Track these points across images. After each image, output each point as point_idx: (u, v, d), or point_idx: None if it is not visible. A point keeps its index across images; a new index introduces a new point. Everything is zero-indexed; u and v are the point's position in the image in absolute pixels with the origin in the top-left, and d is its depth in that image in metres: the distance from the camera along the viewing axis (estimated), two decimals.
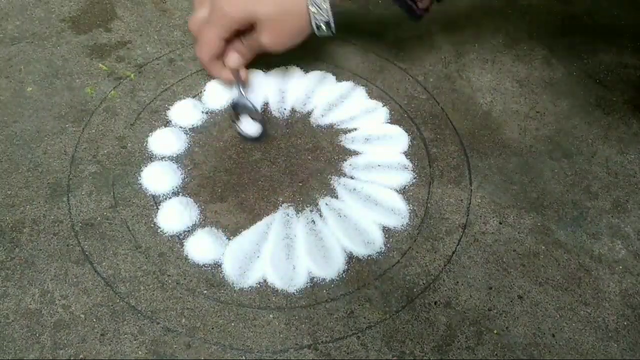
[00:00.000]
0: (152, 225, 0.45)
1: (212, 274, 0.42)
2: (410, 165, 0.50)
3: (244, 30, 0.49)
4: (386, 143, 0.52)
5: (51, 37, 0.61)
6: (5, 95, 0.54)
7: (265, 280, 0.42)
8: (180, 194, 0.47)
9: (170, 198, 0.46)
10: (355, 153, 0.51)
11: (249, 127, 0.51)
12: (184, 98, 0.55)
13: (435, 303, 0.41)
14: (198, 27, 0.50)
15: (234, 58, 0.50)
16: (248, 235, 0.44)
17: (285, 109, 0.54)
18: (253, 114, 0.52)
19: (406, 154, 0.51)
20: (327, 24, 0.49)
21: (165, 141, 0.50)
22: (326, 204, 0.47)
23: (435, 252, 0.44)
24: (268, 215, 0.46)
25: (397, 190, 0.48)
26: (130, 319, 0.40)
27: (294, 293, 0.41)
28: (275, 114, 0.54)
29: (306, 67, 0.58)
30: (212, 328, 0.39)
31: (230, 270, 0.42)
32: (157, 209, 0.46)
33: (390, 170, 0.49)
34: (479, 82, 0.57)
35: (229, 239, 0.44)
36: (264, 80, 0.57)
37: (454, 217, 0.46)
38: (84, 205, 0.46)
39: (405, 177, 0.49)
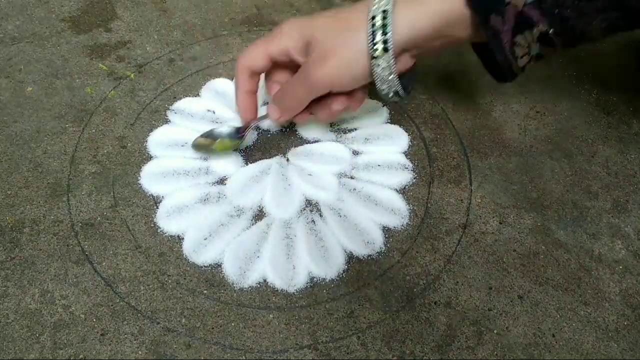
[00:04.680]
0: (152, 225, 0.45)
1: (212, 274, 0.42)
2: (410, 165, 0.50)
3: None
4: (386, 143, 0.52)
5: (51, 37, 0.61)
6: (5, 95, 0.54)
7: (265, 280, 0.42)
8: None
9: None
10: (355, 153, 0.51)
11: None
12: (184, 97, 0.55)
13: (435, 303, 0.41)
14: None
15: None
16: (248, 235, 0.44)
17: None
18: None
19: (406, 154, 0.51)
20: (396, 93, 0.43)
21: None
22: (326, 204, 0.47)
23: (435, 252, 0.44)
24: (268, 215, 0.46)
25: (397, 190, 0.48)
26: (130, 319, 0.40)
27: (294, 293, 0.41)
28: None
29: None
30: (212, 328, 0.39)
31: (230, 270, 0.42)
32: (157, 208, 0.46)
33: (390, 170, 0.49)
34: (479, 82, 0.57)
35: None
36: (264, 80, 0.57)
37: (454, 217, 0.46)
38: (84, 205, 0.46)
39: (405, 177, 0.49)
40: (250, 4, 0.66)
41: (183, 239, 0.44)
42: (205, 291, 0.41)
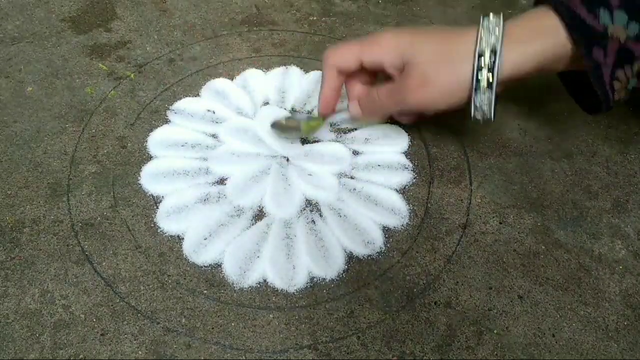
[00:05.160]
0: (152, 225, 0.45)
1: (212, 274, 0.42)
2: (410, 165, 0.50)
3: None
4: (386, 143, 0.52)
5: (51, 37, 0.61)
6: (5, 95, 0.54)
7: (265, 280, 0.42)
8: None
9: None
10: (355, 153, 0.51)
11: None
12: (184, 97, 0.55)
13: (435, 303, 0.41)
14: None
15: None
16: (248, 235, 0.44)
17: (285, 109, 0.54)
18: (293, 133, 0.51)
19: (406, 154, 0.51)
20: (486, 120, 0.44)
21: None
22: (326, 204, 0.47)
23: (435, 252, 0.44)
24: (268, 215, 0.46)
25: (397, 190, 0.48)
26: (130, 319, 0.40)
27: (294, 293, 0.41)
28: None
29: (306, 67, 0.58)
30: (212, 328, 0.39)
31: (230, 270, 0.42)
32: (157, 208, 0.46)
33: (390, 170, 0.49)
34: None
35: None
36: (264, 80, 0.57)
37: (454, 217, 0.46)
38: (84, 205, 0.46)
39: (405, 177, 0.49)
40: (250, 4, 0.66)
41: (183, 239, 0.44)
42: (205, 291, 0.41)
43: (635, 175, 0.50)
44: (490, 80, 0.40)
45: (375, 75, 0.48)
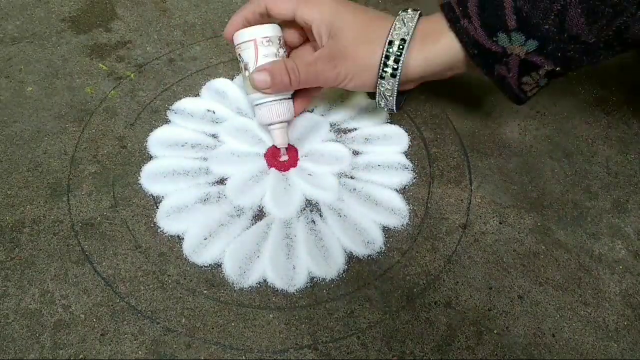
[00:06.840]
0: (152, 225, 0.45)
1: (212, 274, 0.42)
2: (410, 165, 0.50)
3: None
4: (386, 143, 0.52)
5: (51, 37, 0.61)
6: (5, 95, 0.54)
7: (265, 280, 0.42)
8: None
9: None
10: (355, 153, 0.51)
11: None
12: (184, 97, 0.55)
13: (435, 303, 0.41)
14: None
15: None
16: (248, 235, 0.44)
17: None
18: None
19: (406, 154, 0.51)
20: (390, 109, 0.45)
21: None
22: (326, 204, 0.47)
23: (435, 252, 0.44)
24: (268, 215, 0.46)
25: (397, 190, 0.48)
26: (130, 319, 0.40)
27: (294, 293, 0.41)
28: None
29: None
30: (212, 328, 0.39)
31: (230, 270, 0.42)
32: (157, 208, 0.46)
33: (390, 170, 0.49)
34: (479, 82, 0.57)
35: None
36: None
37: (454, 217, 0.46)
38: (84, 205, 0.46)
39: (405, 177, 0.49)
40: None
41: (183, 239, 0.44)
42: (205, 291, 0.41)
43: (635, 175, 0.50)
44: (395, 69, 0.41)
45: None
